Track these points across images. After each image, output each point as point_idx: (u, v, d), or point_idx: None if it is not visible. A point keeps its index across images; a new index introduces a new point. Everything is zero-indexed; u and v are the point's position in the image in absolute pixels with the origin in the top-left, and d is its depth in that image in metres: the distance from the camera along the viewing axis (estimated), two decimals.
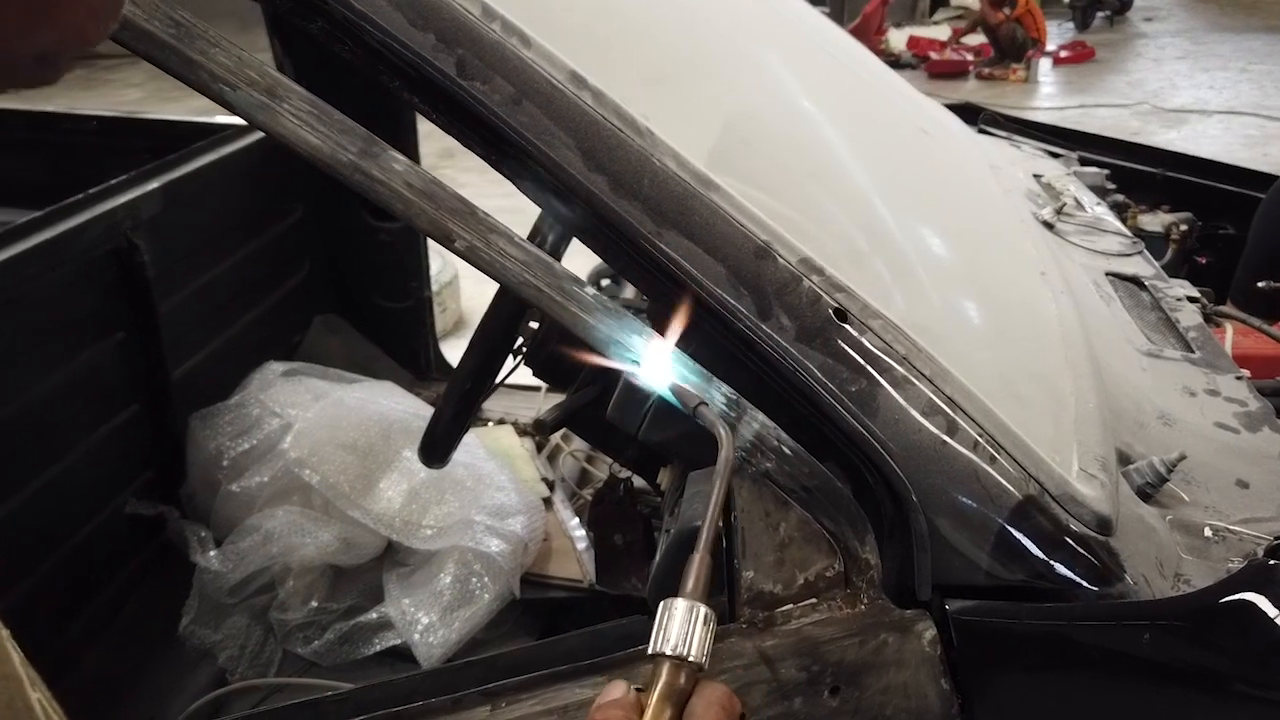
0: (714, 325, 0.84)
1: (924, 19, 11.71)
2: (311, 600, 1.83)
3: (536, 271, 0.71)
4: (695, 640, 0.57)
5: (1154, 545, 0.93)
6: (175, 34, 0.59)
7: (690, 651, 0.57)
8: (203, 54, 0.60)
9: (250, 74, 0.61)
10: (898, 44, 9.99)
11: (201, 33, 0.60)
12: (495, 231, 0.70)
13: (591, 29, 1.01)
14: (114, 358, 1.87)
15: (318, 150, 0.64)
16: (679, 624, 0.57)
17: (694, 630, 0.57)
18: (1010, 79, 9.18)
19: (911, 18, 11.56)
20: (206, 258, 2.08)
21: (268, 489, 1.89)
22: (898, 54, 9.75)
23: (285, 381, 2.06)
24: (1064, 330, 1.16)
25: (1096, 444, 0.97)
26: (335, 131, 0.65)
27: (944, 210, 1.28)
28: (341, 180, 0.65)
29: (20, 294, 1.64)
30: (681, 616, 0.57)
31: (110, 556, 1.88)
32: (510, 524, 1.83)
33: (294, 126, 0.63)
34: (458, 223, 0.68)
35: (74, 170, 2.27)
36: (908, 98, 1.67)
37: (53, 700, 0.38)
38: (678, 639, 0.57)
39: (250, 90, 0.61)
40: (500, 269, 0.70)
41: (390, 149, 0.67)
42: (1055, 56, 9.93)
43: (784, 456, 0.79)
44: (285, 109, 0.63)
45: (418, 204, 0.67)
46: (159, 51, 0.59)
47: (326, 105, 0.65)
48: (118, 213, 1.78)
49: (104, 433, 1.86)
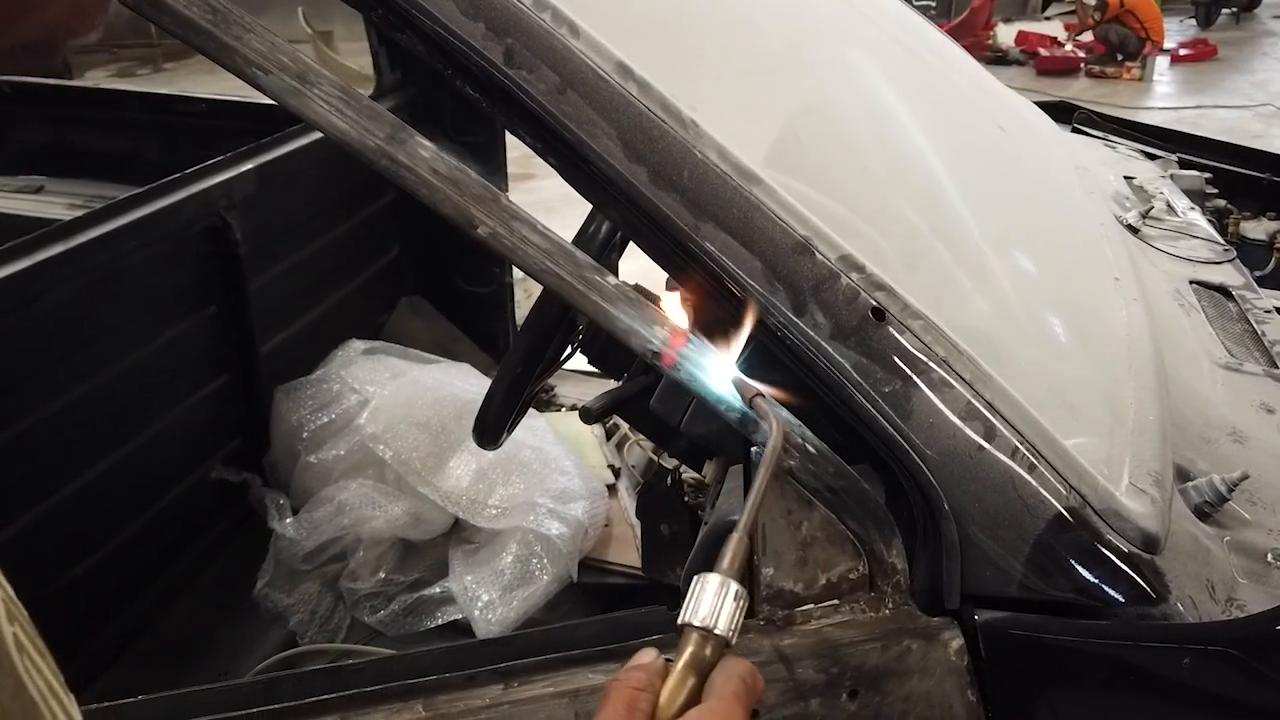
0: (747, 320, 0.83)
1: (1035, 14, 11.28)
2: (380, 571, 1.89)
3: (558, 259, 0.72)
4: (724, 615, 0.58)
5: (1207, 567, 0.89)
6: (212, 19, 0.62)
7: (718, 625, 0.58)
8: (238, 39, 0.63)
9: (282, 59, 0.64)
10: (1005, 40, 9.65)
11: (237, 18, 0.63)
12: (518, 219, 0.71)
13: (649, 20, 1.01)
14: (206, 331, 1.96)
15: (346, 134, 0.66)
16: (710, 597, 0.58)
17: (724, 605, 0.58)
18: (1124, 78, 8.77)
19: (1023, 13, 11.15)
20: (297, 238, 2.15)
21: (343, 462, 1.95)
22: (1005, 50, 9.42)
23: (365, 359, 2.13)
24: (1131, 339, 1.12)
25: (1152, 458, 0.94)
26: (363, 117, 0.67)
27: (1012, 211, 1.24)
28: (369, 164, 0.67)
29: (120, 266, 1.73)
30: (713, 590, 0.58)
31: (196, 519, 1.97)
32: (572, 508, 1.85)
33: (323, 111, 0.65)
34: (481, 209, 0.70)
35: (184, 150, 2.38)
36: (989, 93, 1.62)
37: (35, 637, 0.41)
38: (707, 612, 0.58)
39: (282, 75, 0.64)
40: (522, 255, 0.71)
41: (417, 135, 0.69)
42: (1173, 54, 9.42)
43: (808, 455, 0.79)
44: (315, 94, 0.65)
45: (442, 189, 0.69)
46: (196, 36, 0.62)
47: (355, 91, 0.67)
48: (213, 192, 1.86)
49: (195, 401, 1.95)
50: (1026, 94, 2.07)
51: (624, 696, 0.55)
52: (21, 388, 1.59)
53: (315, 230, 2.21)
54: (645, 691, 0.56)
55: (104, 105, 2.79)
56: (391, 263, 2.52)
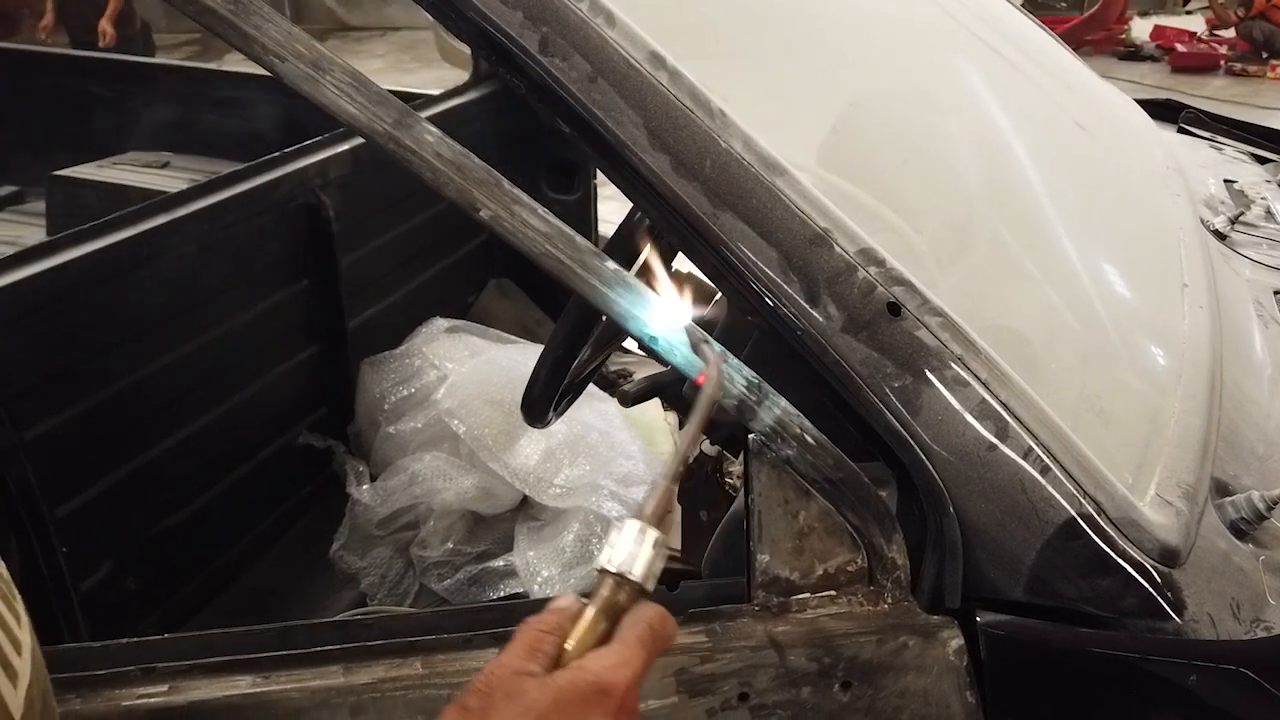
0: (759, 311, 0.84)
1: (1175, 8, 10.68)
2: (449, 541, 1.96)
3: (558, 243, 0.75)
4: (641, 561, 0.58)
5: (1235, 584, 0.85)
6: (233, 10, 0.67)
7: (633, 571, 0.58)
8: (257, 29, 0.67)
9: (298, 48, 0.68)
10: (1141, 34, 9.17)
11: (256, 9, 0.67)
12: (519, 203, 0.74)
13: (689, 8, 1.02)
14: (299, 303, 2.06)
15: (355, 119, 0.70)
16: (628, 543, 0.58)
17: (641, 551, 0.58)
18: (1268, 77, 8.21)
19: (1161, 7, 10.57)
20: (388, 218, 2.24)
21: (420, 434, 2.03)
22: (1139, 45, 8.96)
23: (447, 337, 2.20)
24: (1189, 348, 1.07)
25: (1186, 470, 0.91)
26: (372, 103, 0.70)
27: (1075, 212, 1.20)
28: (376, 148, 0.71)
29: (221, 238, 1.84)
30: (632, 536, 0.58)
31: (282, 481, 2.08)
32: (634, 492, 1.88)
33: (334, 96, 0.69)
34: (484, 193, 0.73)
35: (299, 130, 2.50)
36: (1074, 89, 1.57)
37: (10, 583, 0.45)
38: (623, 557, 0.58)
39: (297, 63, 0.68)
40: (523, 239, 0.74)
41: (423, 120, 0.72)
42: None
43: (806, 445, 0.79)
44: (328, 80, 0.69)
45: (446, 173, 0.72)
46: (219, 25, 0.66)
47: (366, 78, 0.71)
48: (309, 171, 1.96)
49: (286, 369, 2.06)
50: (1158, 91, 1.98)
51: (529, 638, 0.56)
52: (128, 346, 1.71)
53: (406, 211, 2.29)
54: (552, 634, 0.57)
55: (229, 86, 2.95)
56: (481, 245, 2.60)
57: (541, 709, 0.53)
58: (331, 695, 0.79)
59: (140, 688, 0.79)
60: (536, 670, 0.55)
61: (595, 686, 0.54)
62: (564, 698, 0.54)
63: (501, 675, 0.55)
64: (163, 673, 0.79)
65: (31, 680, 0.48)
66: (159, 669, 0.79)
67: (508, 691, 0.54)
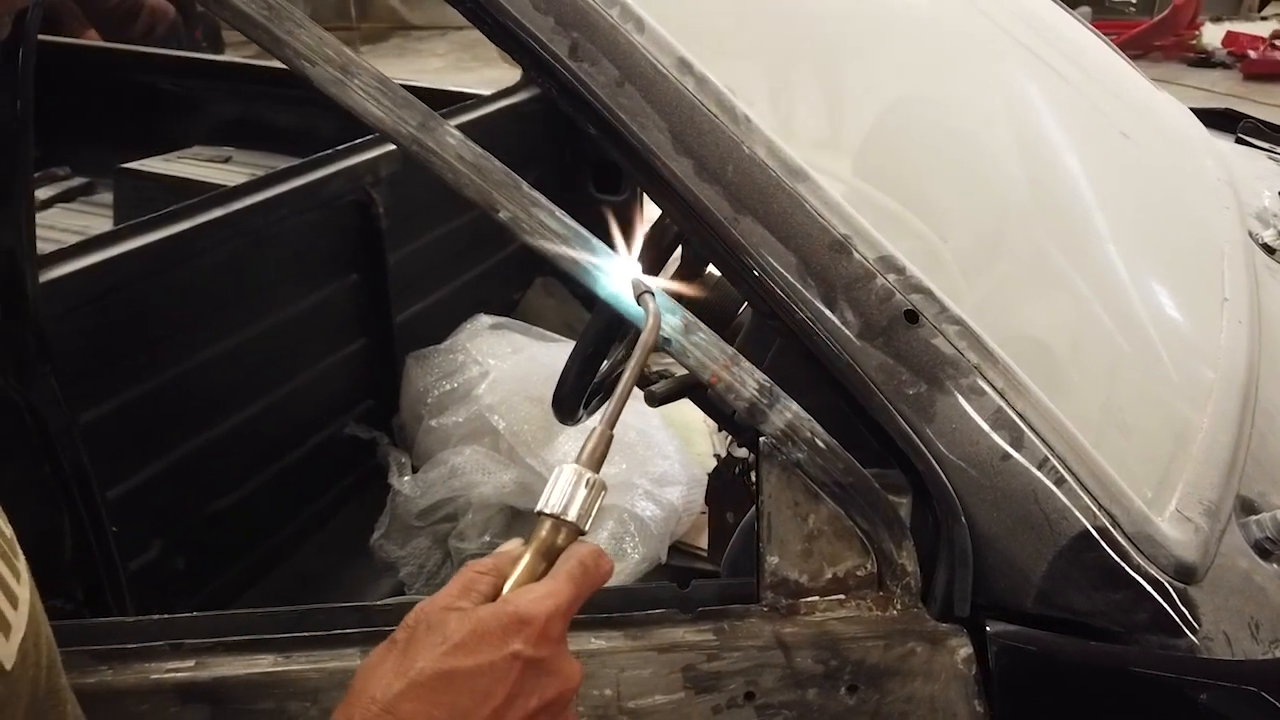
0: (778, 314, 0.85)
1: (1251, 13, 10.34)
2: (486, 534, 1.99)
3: (574, 245, 0.76)
4: (576, 503, 0.60)
5: (1254, 604, 0.84)
6: (267, 15, 0.69)
7: (569, 513, 0.60)
8: (289, 33, 0.70)
9: (328, 52, 0.71)
10: (1212, 40, 8.90)
11: (289, 14, 0.70)
12: (537, 205, 0.76)
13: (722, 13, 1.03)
14: (347, 297, 2.11)
15: (381, 122, 0.72)
16: (565, 486, 0.61)
17: (576, 493, 0.60)
18: None
19: (1236, 11, 10.25)
20: (436, 215, 2.29)
21: (462, 428, 2.07)
22: (1210, 51, 8.69)
23: (491, 333, 2.24)
24: (1224, 363, 1.06)
25: (1210, 487, 0.89)
26: (397, 106, 0.73)
27: (1114, 223, 1.19)
28: (401, 150, 0.74)
29: (273, 232, 1.89)
30: (569, 480, 0.61)
31: (327, 470, 2.13)
32: (668, 492, 1.90)
33: (361, 100, 0.72)
34: (503, 194, 0.75)
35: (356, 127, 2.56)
36: (1122, 97, 1.54)
37: (13, 543, 0.48)
38: (559, 500, 0.60)
39: (327, 67, 0.71)
40: (539, 240, 0.76)
41: (446, 124, 0.75)
42: None
43: (817, 449, 0.80)
44: (355, 84, 0.71)
45: (467, 175, 0.74)
46: (253, 29, 0.69)
47: (391, 82, 0.73)
48: (360, 168, 2.00)
49: (333, 361, 2.11)
50: (1229, 99, 1.94)
51: (465, 578, 0.59)
52: (182, 334, 1.77)
53: (454, 209, 2.33)
54: (488, 575, 0.59)
55: (289, 83, 3.02)
56: None
57: (459, 638, 0.55)
58: (348, 677, 0.81)
59: (169, 662, 0.82)
60: (466, 606, 0.57)
61: (515, 616, 0.56)
62: (483, 627, 0.56)
63: (430, 611, 0.58)
64: (190, 649, 0.82)
65: (26, 634, 0.51)
66: (186, 645, 0.82)
67: (430, 624, 0.57)
